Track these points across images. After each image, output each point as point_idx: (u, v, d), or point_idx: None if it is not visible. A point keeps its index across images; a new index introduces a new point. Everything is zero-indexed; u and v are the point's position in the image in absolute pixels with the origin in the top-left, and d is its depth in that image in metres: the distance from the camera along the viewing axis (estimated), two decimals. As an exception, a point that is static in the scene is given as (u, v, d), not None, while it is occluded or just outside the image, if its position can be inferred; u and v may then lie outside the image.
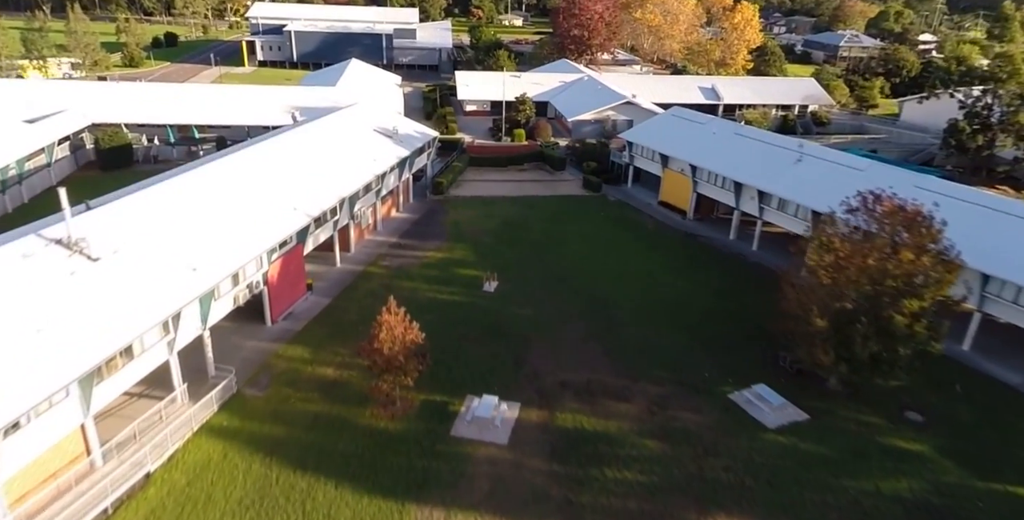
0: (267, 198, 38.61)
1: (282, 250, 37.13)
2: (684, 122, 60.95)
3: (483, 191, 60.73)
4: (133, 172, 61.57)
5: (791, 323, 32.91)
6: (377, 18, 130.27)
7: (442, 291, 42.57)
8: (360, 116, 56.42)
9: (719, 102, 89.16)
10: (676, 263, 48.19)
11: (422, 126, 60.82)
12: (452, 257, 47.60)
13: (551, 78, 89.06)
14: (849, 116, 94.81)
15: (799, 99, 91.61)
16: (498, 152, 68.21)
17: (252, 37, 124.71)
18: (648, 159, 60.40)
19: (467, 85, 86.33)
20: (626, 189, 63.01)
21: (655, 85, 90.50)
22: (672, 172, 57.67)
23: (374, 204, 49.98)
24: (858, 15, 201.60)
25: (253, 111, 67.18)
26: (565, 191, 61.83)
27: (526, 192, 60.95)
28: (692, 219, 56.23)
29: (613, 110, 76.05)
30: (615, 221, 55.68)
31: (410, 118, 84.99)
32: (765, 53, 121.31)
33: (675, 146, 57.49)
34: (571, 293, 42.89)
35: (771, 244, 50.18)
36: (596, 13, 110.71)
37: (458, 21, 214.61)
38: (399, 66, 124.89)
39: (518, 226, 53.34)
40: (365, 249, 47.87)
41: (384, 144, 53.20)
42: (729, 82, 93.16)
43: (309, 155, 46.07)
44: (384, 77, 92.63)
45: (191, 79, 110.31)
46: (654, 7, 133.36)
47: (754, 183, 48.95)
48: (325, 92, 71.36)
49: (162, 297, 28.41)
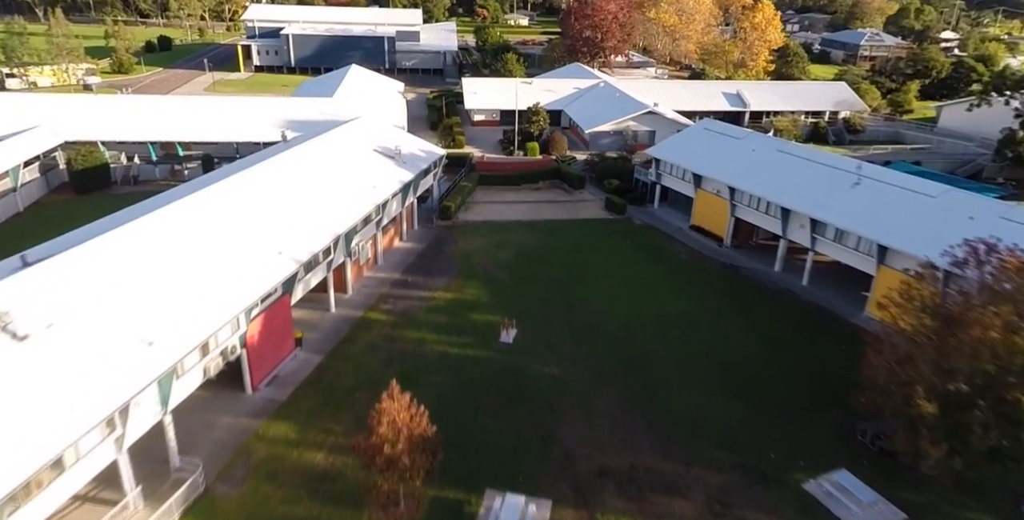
0: (247, 241, 32.84)
1: (264, 304, 31.37)
2: (717, 136, 54.96)
3: (495, 214, 54.88)
4: (111, 195, 56.09)
5: (879, 397, 27.06)
6: (378, 20, 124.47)
7: (453, 343, 36.72)
8: (358, 134, 50.61)
9: (745, 109, 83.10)
10: (718, 302, 42.23)
11: (427, 143, 54.98)
12: (463, 298, 41.76)
13: (564, 84, 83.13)
14: (883, 122, 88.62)
15: (830, 105, 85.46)
16: (510, 169, 62.34)
17: (248, 41, 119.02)
18: (678, 178, 54.44)
19: (475, 93, 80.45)
20: (653, 211, 57.07)
21: (676, 91, 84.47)
22: (706, 193, 51.72)
23: (374, 235, 44.20)
24: (876, 12, 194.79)
25: (243, 126, 61.43)
26: (586, 214, 55.91)
27: (543, 215, 55.07)
28: (729, 246, 50.29)
29: (633, 120, 70.07)
30: (644, 250, 49.73)
31: (413, 128, 79.44)
32: (787, 54, 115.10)
33: (709, 164, 51.53)
34: (602, 344, 37.01)
35: (824, 277, 44.28)
36: (610, 13, 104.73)
37: (462, 21, 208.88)
38: (402, 70, 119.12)
39: (536, 258, 47.47)
40: (364, 289, 42.08)
41: (385, 166, 47.40)
42: (755, 87, 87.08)
43: (299, 183, 40.28)
44: (386, 84, 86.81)
45: (183, 86, 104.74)
46: (668, 6, 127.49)
47: (806, 210, 42.97)
48: (321, 104, 65.55)
49: (108, 385, 22.65)
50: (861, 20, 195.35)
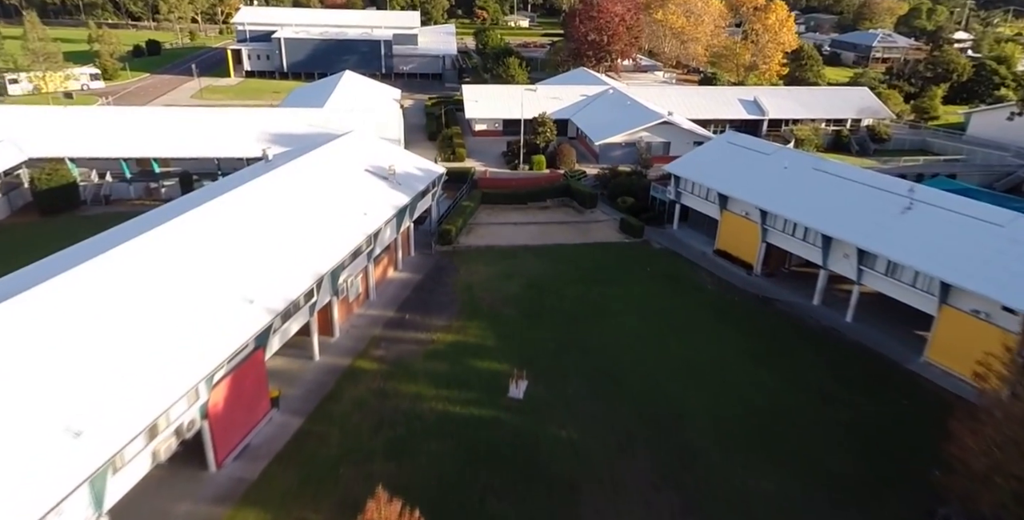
0: (213, 286, 27.97)
1: (233, 364, 26.51)
2: (742, 151, 50.08)
3: (500, 238, 50.00)
4: (78, 217, 51.41)
5: (973, 484, 22.22)
6: (375, 23, 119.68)
7: (455, 399, 31.82)
8: (348, 152, 45.70)
9: (763, 117, 78.20)
10: (754, 345, 37.32)
11: (424, 161, 50.05)
12: (466, 340, 36.86)
13: (571, 91, 78.27)
14: (908, 130, 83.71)
15: (853, 112, 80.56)
16: (516, 186, 57.46)
17: (238, 45, 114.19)
18: (700, 198, 49.56)
19: (476, 101, 75.57)
20: (672, 232, 52.20)
21: (689, 98, 79.60)
22: (733, 216, 46.86)
23: (365, 267, 39.35)
24: (885, 12, 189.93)
25: (225, 140, 56.58)
26: (600, 236, 51.01)
27: (552, 239, 50.17)
28: (760, 275, 45.44)
29: (647, 131, 65.19)
30: (666, 279, 44.84)
31: (411, 138, 74.71)
32: (801, 57, 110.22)
33: (736, 183, 46.66)
34: (625, 399, 32.12)
35: (871, 313, 39.42)
36: (616, 15, 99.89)
37: (462, 23, 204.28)
38: (399, 75, 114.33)
39: (546, 290, 42.58)
40: (354, 330, 37.19)
41: (378, 188, 42.52)
42: (772, 93, 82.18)
43: (278, 212, 35.40)
44: (382, 92, 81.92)
45: (169, 93, 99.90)
46: (676, 7, 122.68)
47: (853, 239, 38.08)
48: (310, 115, 60.68)
49: (19, 494, 17.83)
50: (870, 20, 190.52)
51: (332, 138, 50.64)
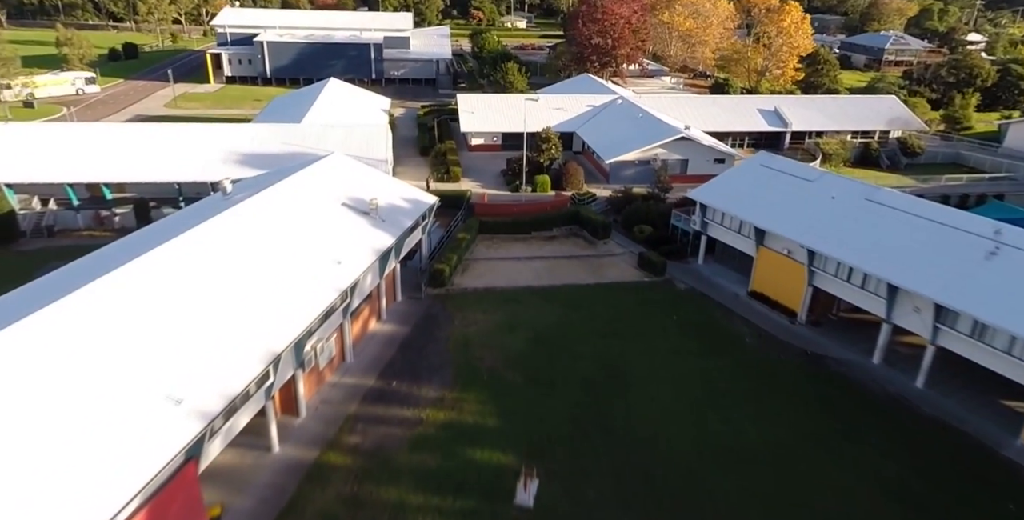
0: (123, 384, 21.27)
1: (151, 488, 19.84)
2: (779, 176, 43.54)
3: (500, 277, 43.31)
4: (15, 252, 44.67)
5: None
6: (364, 25, 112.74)
7: (448, 511, 25.09)
8: (323, 181, 38.92)
9: (786, 129, 71.69)
10: (812, 421, 30.75)
11: (414, 189, 43.32)
12: (461, 420, 30.20)
13: (575, 101, 71.64)
14: (940, 142, 77.36)
15: (883, 123, 74.12)
16: (518, 212, 50.75)
17: (218, 49, 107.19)
18: (732, 231, 43.00)
19: (472, 112, 68.86)
20: (697, 268, 45.63)
21: (704, 108, 73.05)
22: (772, 253, 40.32)
23: (341, 325, 32.71)
24: (894, 13, 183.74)
25: (188, 161, 49.80)
26: (615, 274, 44.35)
27: (560, 278, 43.51)
28: (805, 323, 38.92)
29: (663, 147, 58.61)
30: (697, 331, 38.22)
31: (401, 152, 67.95)
32: (817, 61, 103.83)
33: (775, 215, 40.14)
34: (664, 506, 25.51)
35: (947, 377, 33.01)
36: (621, 18, 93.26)
37: (457, 24, 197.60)
38: (390, 81, 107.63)
39: (557, 346, 35.94)
40: (325, 406, 30.51)
41: (358, 227, 35.83)
42: (794, 103, 75.64)
43: (229, 266, 28.69)
44: (369, 101, 75.14)
45: (141, 101, 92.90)
46: (683, 8, 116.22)
47: (928, 292, 31.56)
48: (286, 132, 53.92)
49: None
50: (878, 21, 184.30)
51: (308, 159, 44.04)
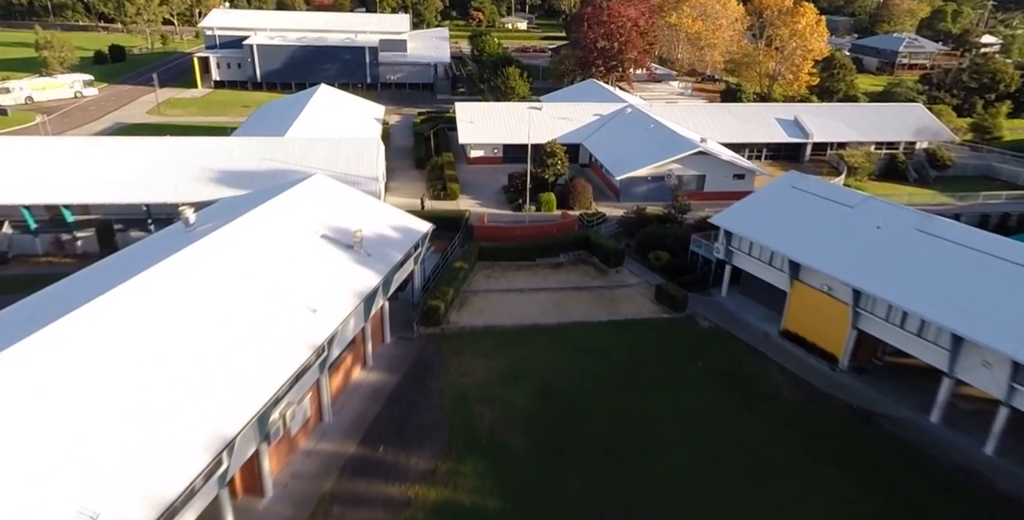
0: (21, 494, 16.72)
1: None
2: (813, 200, 38.94)
3: (502, 313, 38.68)
4: (-39, 284, 39.83)
5: None
6: (359, 27, 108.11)
7: None
8: (302, 209, 34.32)
9: (807, 140, 67.09)
10: (868, 500, 26.14)
11: (405, 216, 38.67)
12: (455, 500, 25.57)
13: (581, 110, 67.03)
14: (969, 153, 72.77)
15: (910, 133, 69.50)
16: (521, 236, 46.16)
17: (206, 52, 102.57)
18: (761, 262, 38.41)
19: (471, 122, 64.25)
20: (721, 301, 41.04)
21: (719, 117, 68.42)
22: (809, 289, 35.74)
23: (317, 381, 28.13)
24: (905, 14, 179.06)
25: (158, 179, 45.23)
26: (630, 310, 39.71)
27: (569, 313, 38.88)
28: (847, 369, 34.36)
29: (678, 162, 53.98)
30: (725, 380, 33.61)
31: (395, 165, 63.43)
32: (832, 65, 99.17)
33: (812, 247, 35.58)
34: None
35: (1019, 442, 28.43)
36: (629, 20, 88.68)
37: (456, 25, 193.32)
38: (386, 85, 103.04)
39: (566, 401, 31.34)
40: (295, 482, 25.87)
41: (340, 264, 31.27)
42: (815, 111, 71.00)
43: (181, 319, 24.14)
44: (362, 109, 70.52)
45: (124, 107, 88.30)
46: (691, 10, 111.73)
47: (1003, 346, 26.96)
48: (267, 147, 49.31)
49: None
50: (888, 23, 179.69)
51: (289, 180, 39.60)
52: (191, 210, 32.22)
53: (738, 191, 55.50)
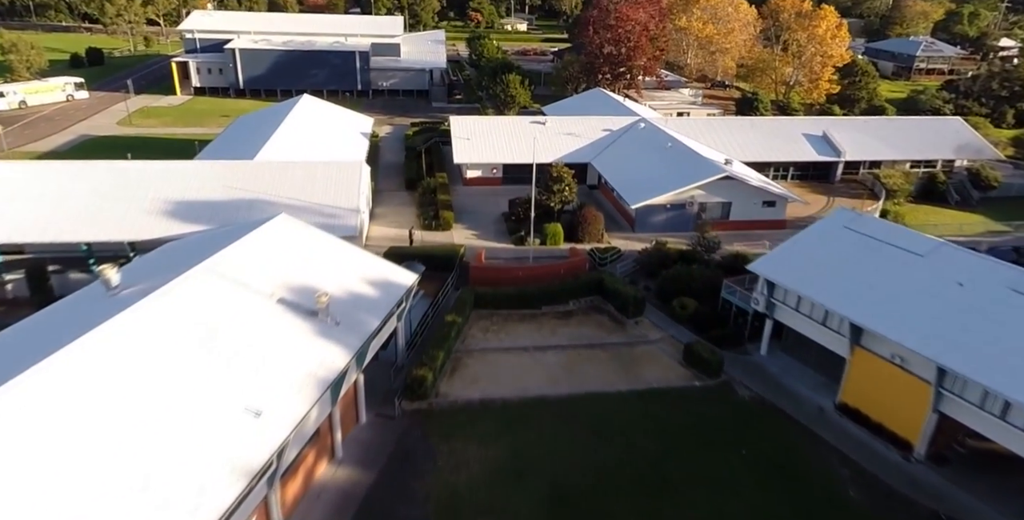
0: None
1: None
2: (873, 245, 32.65)
3: (502, 381, 32.35)
4: None
5: None
6: (349, 30, 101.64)
7: None
8: (256, 265, 27.96)
9: (838, 159, 60.78)
10: None
11: (385, 265, 32.30)
12: None
13: (589, 124, 60.70)
14: (1014, 171, 66.48)
15: (950, 151, 63.29)
16: (524, 278, 39.84)
17: (186, 57, 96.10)
18: (813, 321, 32.13)
19: (467, 138, 57.87)
20: (761, 361, 34.76)
21: (739, 132, 62.05)
22: (874, 358, 29.51)
23: (265, 497, 21.82)
24: (919, 16, 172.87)
25: (102, 214, 38.91)
26: (655, 375, 33.39)
27: (583, 381, 32.52)
28: (924, 459, 28.13)
29: (701, 188, 47.69)
30: (776, 475, 27.31)
31: (384, 186, 57.14)
32: (854, 72, 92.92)
33: (876, 305, 29.36)
34: None
35: None
36: (638, 24, 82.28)
37: (454, 26, 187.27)
38: (378, 92, 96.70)
39: (583, 507, 25.00)
40: None
41: (298, 340, 24.96)
42: (845, 126, 64.63)
43: (68, 445, 17.84)
44: (348, 122, 64.14)
45: (93, 117, 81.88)
46: (701, 13, 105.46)
47: None
48: (233, 173, 42.92)
49: None
50: (900, 25, 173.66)
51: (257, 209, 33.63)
52: (113, 270, 25.80)
53: (768, 220, 49.57)
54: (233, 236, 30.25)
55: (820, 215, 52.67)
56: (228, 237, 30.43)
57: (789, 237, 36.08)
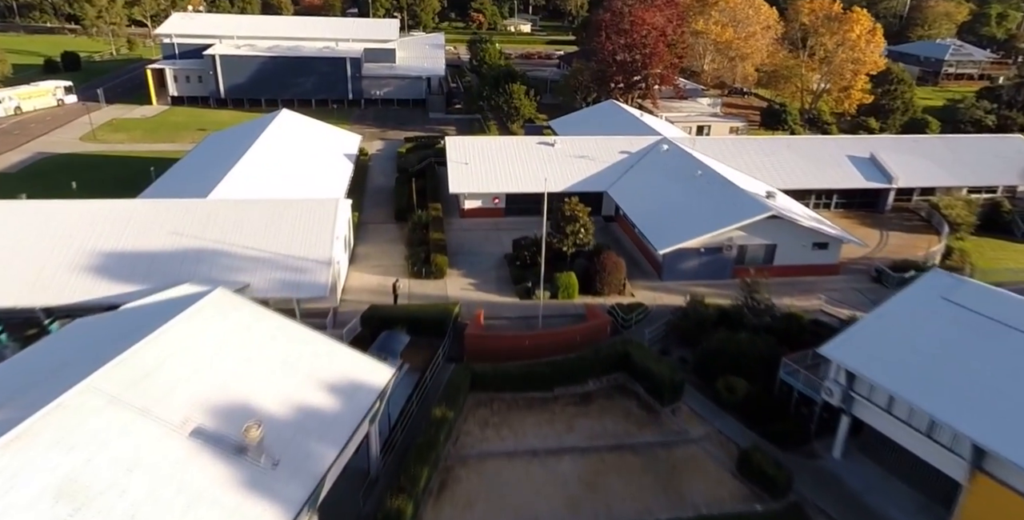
0: None
1: None
2: (985, 325, 25.13)
3: (503, 504, 24.76)
4: None
5: None
6: (341, 34, 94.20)
7: None
8: (171, 374, 20.56)
9: (890, 185, 53.16)
10: None
11: (352, 358, 24.78)
12: None
13: (604, 146, 53.20)
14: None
15: (1016, 175, 55.68)
16: (531, 349, 32.40)
17: (162, 63, 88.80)
18: (911, 428, 24.71)
19: (465, 163, 50.41)
20: (835, 468, 27.23)
21: (776, 154, 54.44)
22: (1004, 490, 22.03)
23: None
24: (942, 17, 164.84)
25: (9, 271, 31.67)
26: (701, 493, 25.86)
27: (609, 506, 24.82)
28: None
29: (743, 229, 40.18)
30: None
31: (369, 217, 49.85)
32: (889, 80, 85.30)
33: (1004, 417, 21.94)
34: None
35: None
36: (655, 29, 74.83)
37: (455, 27, 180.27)
38: (371, 102, 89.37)
39: None
40: None
41: (217, 494, 17.59)
42: (892, 146, 56.98)
43: None
44: (331, 142, 56.72)
45: (56, 130, 74.64)
46: (720, 15, 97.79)
47: None
48: (180, 215, 35.52)
49: None
50: (922, 27, 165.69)
51: (205, 262, 26.15)
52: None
53: (819, 265, 42.03)
54: (152, 318, 22.96)
55: (877, 256, 45.28)
56: (147, 318, 23.16)
57: (843, 284, 28.69)
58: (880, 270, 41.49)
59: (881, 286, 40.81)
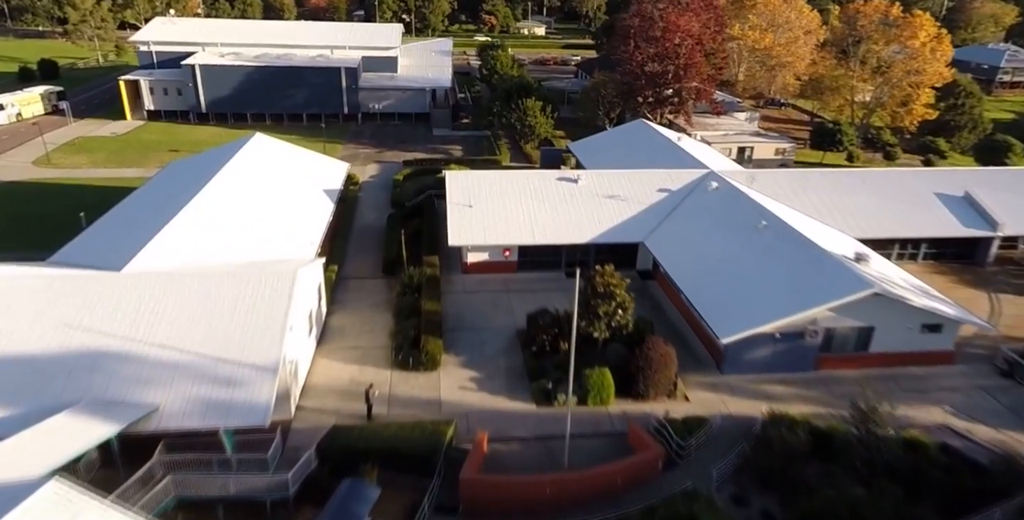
0: None
1: None
2: None
3: None
4: None
5: None
6: (337, 41, 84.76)
7: None
8: None
9: (993, 233, 43.07)
10: None
11: None
12: None
13: (638, 182, 43.54)
14: None
15: None
16: (551, 497, 22.88)
17: (137, 74, 80.00)
18: None
19: (468, 205, 40.93)
20: None
21: (851, 194, 44.30)
22: None
23: None
24: (987, 20, 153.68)
25: None
26: None
27: None
28: None
29: (832, 309, 30.44)
30: None
31: (354, 268, 40.60)
32: (955, 94, 75.06)
33: None
34: None
35: None
36: (690, 36, 65.02)
37: (465, 30, 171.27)
38: (369, 116, 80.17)
39: None
40: None
41: None
42: (987, 180, 46.79)
43: None
44: (310, 175, 47.26)
45: (8, 152, 65.93)
46: (758, 19, 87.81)
47: None
48: (80, 297, 26.38)
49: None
50: (964, 30, 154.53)
51: (97, 377, 17.14)
52: None
53: (929, 352, 32.17)
54: None
55: (996, 334, 35.17)
56: None
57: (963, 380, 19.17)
58: (1012, 362, 31.58)
59: (1016, 383, 30.98)
